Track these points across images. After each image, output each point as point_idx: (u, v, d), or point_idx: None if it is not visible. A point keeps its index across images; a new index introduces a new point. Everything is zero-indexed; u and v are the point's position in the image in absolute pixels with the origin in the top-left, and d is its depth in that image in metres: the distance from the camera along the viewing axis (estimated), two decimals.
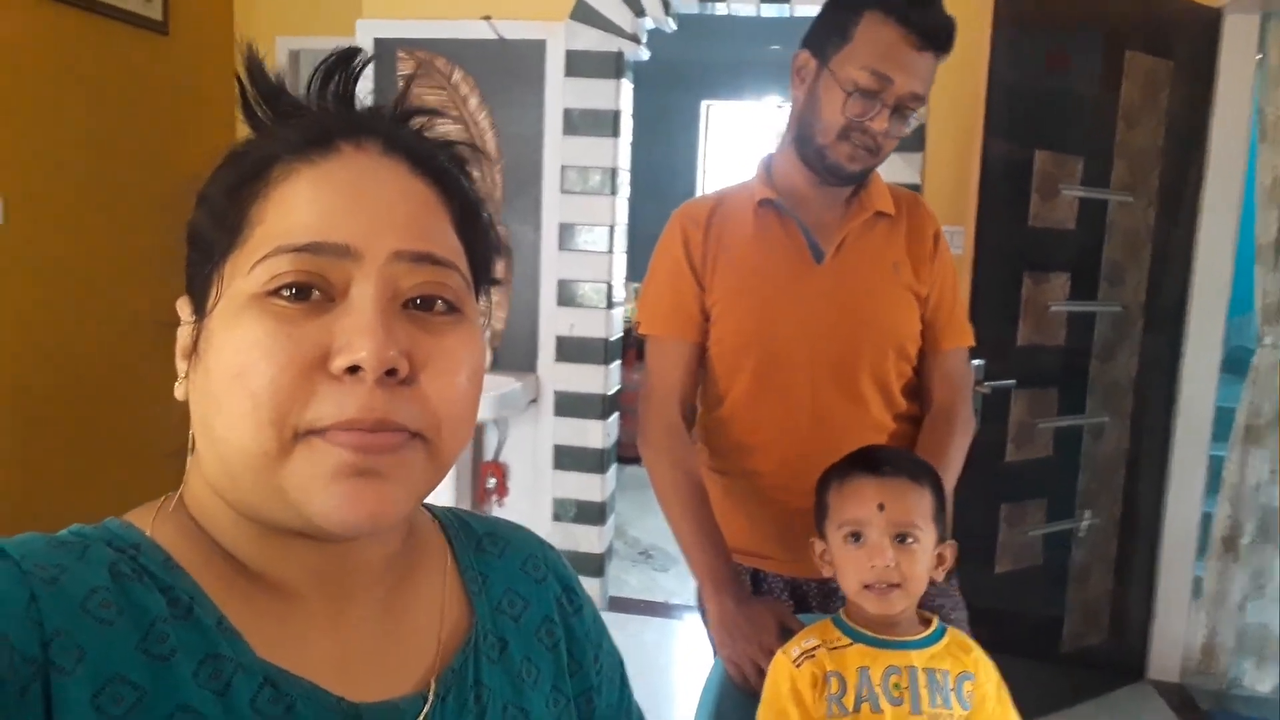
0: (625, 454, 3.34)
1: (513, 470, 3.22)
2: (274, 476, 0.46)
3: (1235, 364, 2.92)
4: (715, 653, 1.29)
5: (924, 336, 1.41)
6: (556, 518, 3.20)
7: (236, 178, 0.50)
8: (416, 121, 0.56)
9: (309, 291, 0.46)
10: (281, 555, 0.50)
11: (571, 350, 3.13)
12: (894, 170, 2.83)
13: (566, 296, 3.11)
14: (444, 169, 0.53)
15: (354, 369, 0.45)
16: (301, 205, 0.47)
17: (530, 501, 3.21)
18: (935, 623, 1.11)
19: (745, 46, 5.09)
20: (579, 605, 0.66)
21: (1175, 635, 2.84)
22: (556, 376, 3.15)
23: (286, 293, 0.46)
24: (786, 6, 2.90)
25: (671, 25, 3.04)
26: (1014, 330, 2.45)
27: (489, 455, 3.22)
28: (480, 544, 0.63)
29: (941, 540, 1.11)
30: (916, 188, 2.82)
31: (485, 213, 0.57)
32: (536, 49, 2.99)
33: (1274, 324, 2.63)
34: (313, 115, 0.51)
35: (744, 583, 1.36)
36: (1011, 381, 2.41)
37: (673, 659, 3.13)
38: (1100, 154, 2.47)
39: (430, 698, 0.52)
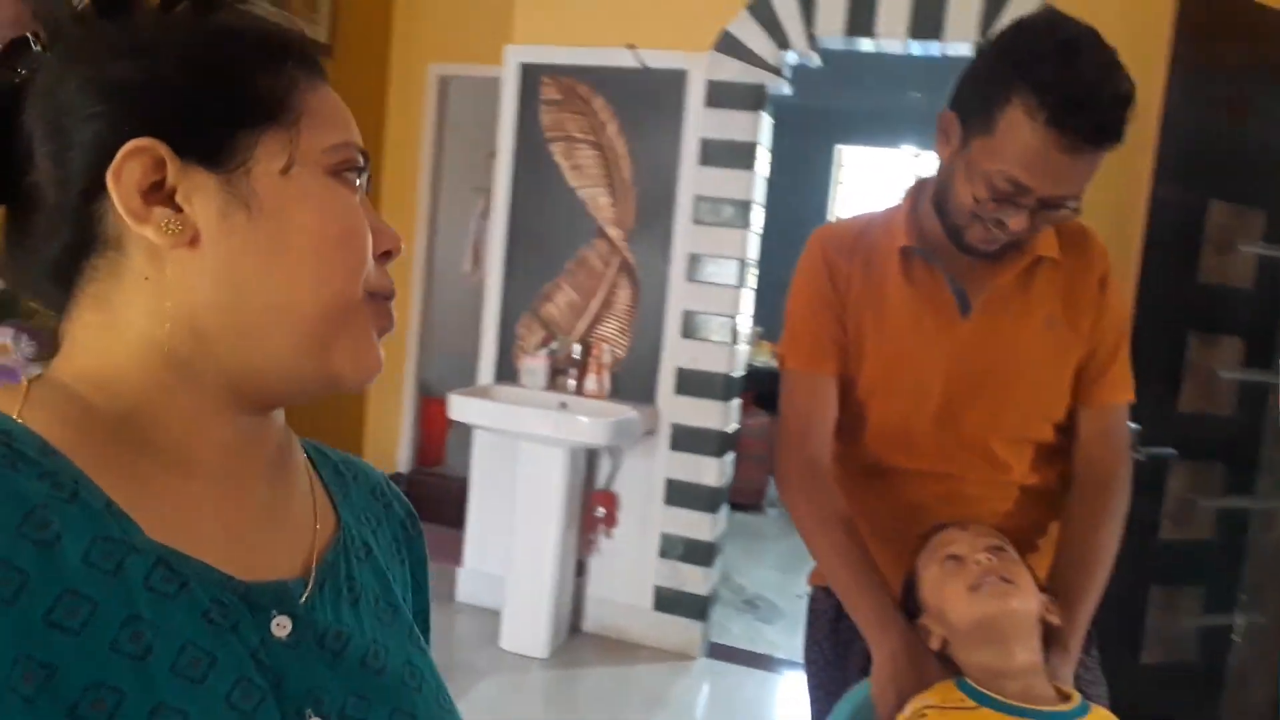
0: (737, 499, 3.24)
1: (623, 501, 3.17)
2: (335, 327, 0.53)
3: None
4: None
5: (1077, 388, 1.26)
6: (663, 554, 3.12)
7: (252, 62, 0.53)
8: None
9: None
10: (196, 429, 0.52)
11: (692, 384, 3.07)
12: None
13: (691, 328, 3.06)
14: None
15: (388, 254, 0.57)
16: (341, 115, 0.56)
17: (638, 534, 3.15)
18: (1077, 698, 0.99)
19: (884, 92, 4.99)
20: (419, 532, 0.71)
21: None
22: (675, 410, 3.09)
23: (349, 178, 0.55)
24: (936, 44, 2.81)
25: (816, 60, 2.99)
26: (1175, 394, 2.24)
27: (600, 484, 3.18)
28: (337, 467, 0.67)
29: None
30: None
31: None
32: (678, 78, 2.99)
33: None
34: (303, 40, 0.57)
35: (913, 628, 1.14)
36: (1171, 450, 2.20)
37: (772, 715, 2.97)
38: None
39: (310, 583, 0.55)
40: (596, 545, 3.19)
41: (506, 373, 3.27)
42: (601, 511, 3.15)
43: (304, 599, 0.53)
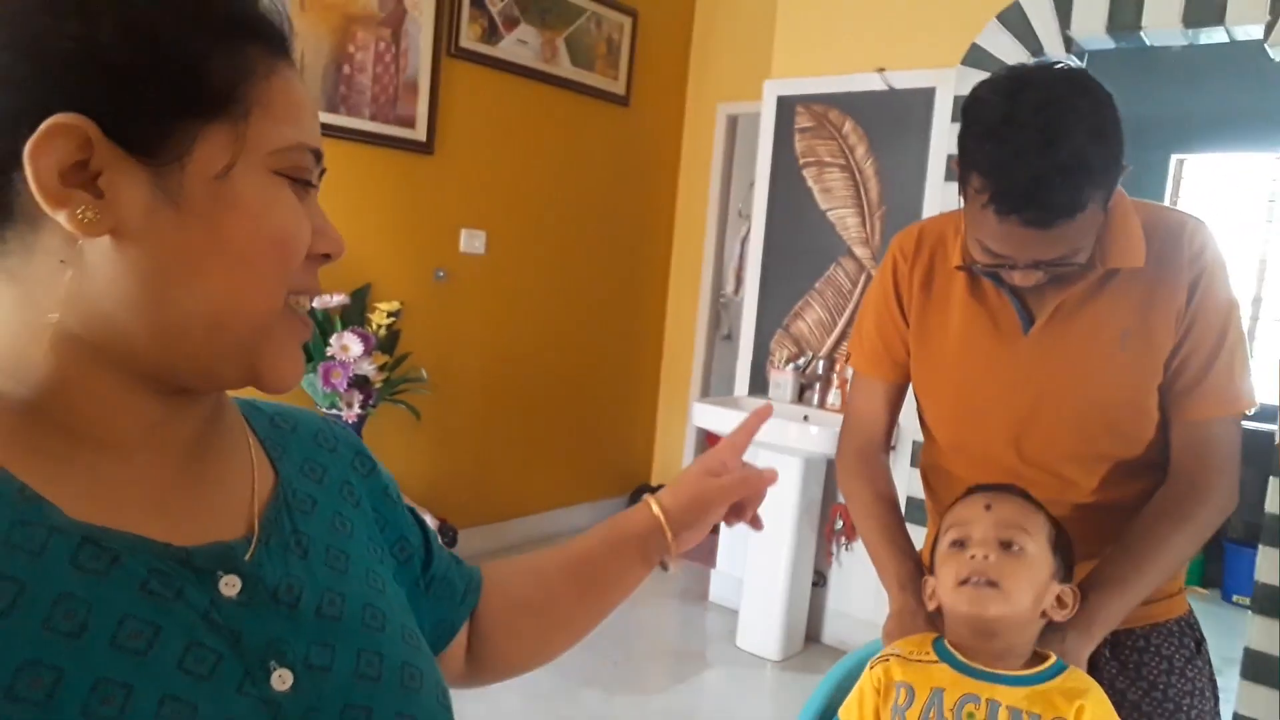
0: None
1: None
2: (257, 335, 0.51)
3: None
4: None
5: (1166, 401, 1.16)
6: None
7: (207, 40, 0.48)
8: None
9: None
10: (113, 410, 0.50)
11: None
12: None
13: None
14: None
15: (326, 256, 0.55)
16: (301, 108, 0.52)
17: None
18: (1051, 660, 0.97)
19: (1232, 91, 4.40)
20: (371, 466, 0.70)
21: None
22: (915, 426, 3.04)
23: (297, 183, 0.53)
24: (1221, 30, 2.53)
25: (1075, 62, 2.82)
26: None
27: (841, 497, 3.23)
28: (272, 420, 0.65)
29: (1063, 581, 1.01)
30: None
31: None
32: (925, 96, 3.00)
33: None
34: (272, 17, 0.53)
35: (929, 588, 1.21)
36: None
37: None
38: None
39: (254, 540, 0.54)
40: (836, 558, 3.23)
41: (759, 386, 3.45)
42: (840, 524, 3.19)
43: (249, 556, 0.53)
